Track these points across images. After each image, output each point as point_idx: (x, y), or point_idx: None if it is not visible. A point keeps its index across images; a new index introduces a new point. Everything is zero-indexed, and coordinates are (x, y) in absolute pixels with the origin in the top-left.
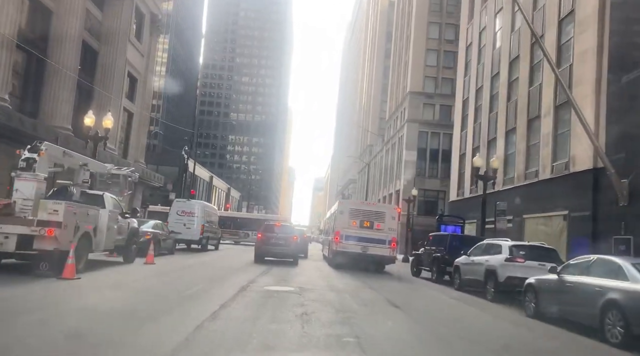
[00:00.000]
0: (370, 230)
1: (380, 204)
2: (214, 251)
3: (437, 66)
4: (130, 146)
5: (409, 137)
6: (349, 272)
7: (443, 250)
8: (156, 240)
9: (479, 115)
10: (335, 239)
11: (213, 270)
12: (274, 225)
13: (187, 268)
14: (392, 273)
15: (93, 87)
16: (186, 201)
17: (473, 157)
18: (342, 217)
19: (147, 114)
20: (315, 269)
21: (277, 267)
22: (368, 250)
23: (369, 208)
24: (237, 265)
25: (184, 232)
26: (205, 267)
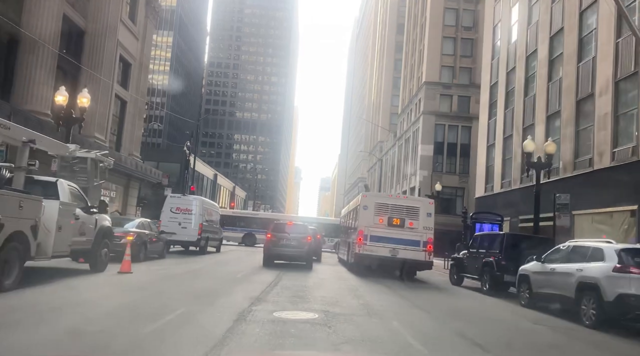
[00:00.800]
0: (400, 229)
1: (413, 197)
2: (215, 254)
3: (454, 55)
4: (124, 138)
5: (424, 130)
6: (375, 280)
7: (497, 254)
8: (140, 242)
9: (511, 100)
10: (358, 240)
11: (206, 281)
12: (285, 224)
13: (172, 279)
14: (427, 281)
15: (79, 70)
16: (181, 196)
17: (504, 147)
18: (366, 213)
19: (143, 104)
20: (334, 277)
21: (289, 273)
22: (398, 254)
23: (399, 202)
24: (240, 273)
25: (179, 232)
26: (197, 277)
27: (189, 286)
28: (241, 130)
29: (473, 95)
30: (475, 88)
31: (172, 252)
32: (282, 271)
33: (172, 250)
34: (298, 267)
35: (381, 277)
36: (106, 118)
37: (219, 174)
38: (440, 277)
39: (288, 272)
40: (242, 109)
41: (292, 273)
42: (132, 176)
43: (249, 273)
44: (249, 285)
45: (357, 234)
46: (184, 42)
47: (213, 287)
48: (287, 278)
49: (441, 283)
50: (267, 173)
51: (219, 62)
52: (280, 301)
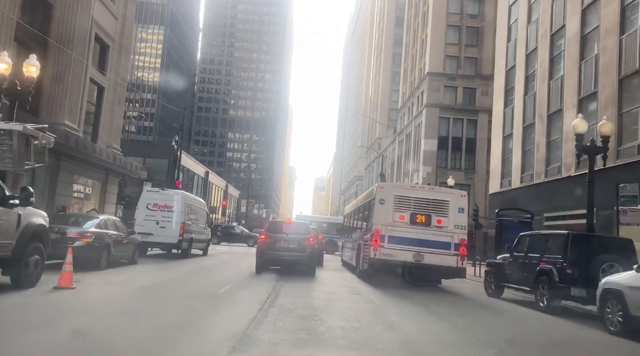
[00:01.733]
0: (426, 228)
1: (441, 189)
2: (201, 257)
3: (459, 44)
4: (101, 127)
5: (428, 124)
6: (397, 293)
7: (559, 259)
8: (101, 245)
9: (531, 85)
10: (374, 241)
11: (174, 302)
12: (282, 222)
13: (125, 299)
14: (457, 292)
15: (45, 48)
16: (160, 190)
17: (524, 137)
18: (382, 208)
19: (124, 91)
20: (345, 288)
21: (288, 284)
22: (424, 259)
23: (425, 194)
24: (225, 285)
25: (156, 233)
26: (163, 293)
27: (142, 314)
28: (235, 128)
29: (479, 86)
30: (481, 79)
31: (150, 255)
32: (279, 281)
33: (151, 254)
34: (298, 273)
35: (401, 288)
36: (79, 104)
37: (210, 172)
38: (468, 285)
39: (287, 282)
40: (236, 107)
41: (292, 283)
42: (111, 170)
43: (236, 285)
44: (234, 308)
45: (372, 234)
46: (176, 38)
47: (179, 315)
48: (286, 292)
49: (475, 294)
50: (261, 172)
51: (211, 59)
52: (281, 341)
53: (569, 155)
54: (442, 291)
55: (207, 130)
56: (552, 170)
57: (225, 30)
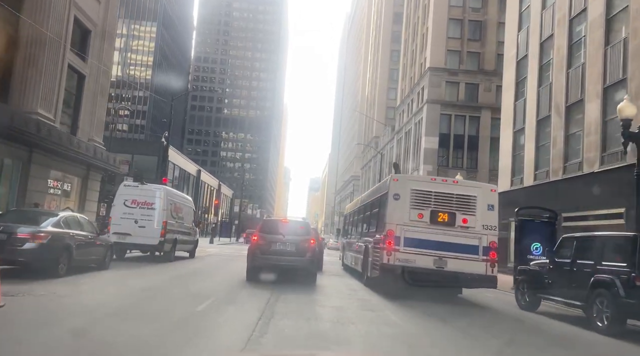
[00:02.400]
0: (450, 229)
1: (467, 182)
2: (186, 260)
3: (461, 38)
4: (82, 119)
5: (428, 121)
6: (418, 308)
7: (624, 269)
8: (59, 247)
9: (546, 75)
10: (387, 244)
11: (133, 328)
12: (278, 221)
13: (60, 324)
14: (484, 304)
15: (15, 27)
16: (139, 185)
17: (538, 131)
18: (397, 205)
19: (107, 81)
20: (355, 302)
21: (285, 296)
22: (447, 265)
23: (448, 189)
24: (207, 299)
25: (135, 233)
26: (121, 313)
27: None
28: (229, 127)
29: (482, 82)
30: (484, 74)
31: (128, 258)
32: (273, 292)
33: (130, 256)
34: (296, 280)
35: (418, 298)
36: (54, 91)
37: (202, 170)
38: (490, 293)
39: (283, 293)
40: (230, 106)
41: (290, 294)
42: (93, 165)
43: (221, 298)
44: (212, 338)
45: (384, 235)
46: (169, 35)
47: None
48: (284, 309)
49: (503, 306)
50: (256, 173)
51: (205, 57)
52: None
53: (591, 150)
54: (466, 303)
55: (200, 129)
56: (571, 167)
57: (219, 29)
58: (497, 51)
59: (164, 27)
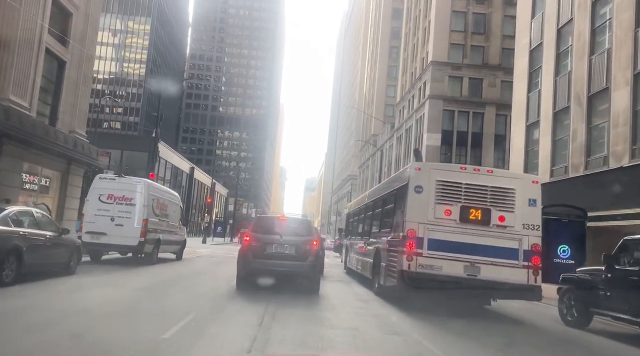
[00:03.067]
0: (484, 229)
1: (503, 172)
2: (171, 263)
3: (465, 31)
4: (62, 109)
5: (430, 117)
6: (446, 326)
7: None
8: (7, 249)
9: (564, 64)
10: (407, 247)
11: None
12: (274, 219)
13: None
14: (521, 319)
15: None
16: (117, 178)
17: (555, 124)
18: (420, 199)
19: (91, 68)
20: (370, 318)
21: (283, 312)
22: (480, 273)
23: (481, 180)
24: (182, 316)
25: (111, 232)
26: (59, 340)
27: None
28: (224, 126)
29: (486, 77)
30: (489, 69)
31: (105, 261)
32: (268, 306)
33: (107, 259)
34: (295, 289)
35: (445, 314)
36: (30, 77)
37: (196, 168)
38: (520, 304)
39: (281, 308)
40: (226, 104)
41: (289, 309)
42: (74, 159)
43: (201, 316)
44: None
45: (404, 237)
46: (164, 31)
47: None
48: (282, 332)
49: (545, 321)
50: (251, 172)
51: (201, 54)
52: None
53: (619, 143)
54: (499, 317)
55: (195, 127)
56: (595, 162)
57: (215, 26)
58: (502, 45)
59: (159, 23)
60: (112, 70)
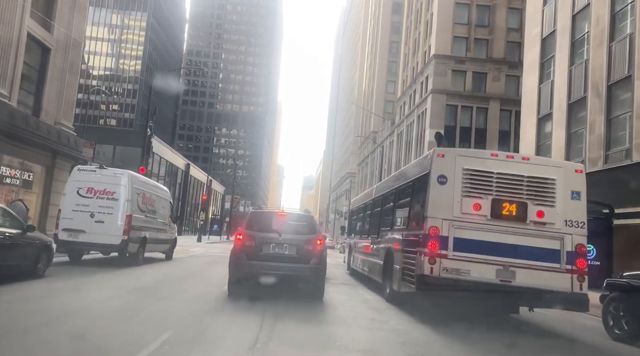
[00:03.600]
0: (519, 226)
1: (541, 159)
2: (160, 263)
3: (469, 24)
4: (46, 99)
5: (433, 112)
6: (472, 338)
7: None
8: None
9: (580, 52)
10: (429, 247)
11: None
12: (272, 214)
13: None
14: (559, 332)
15: None
16: (97, 170)
17: (570, 116)
18: (443, 191)
19: (78, 57)
20: (387, 333)
21: (282, 328)
22: (515, 278)
23: (515, 168)
24: (156, 335)
25: (90, 230)
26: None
27: None
28: (221, 123)
29: (490, 71)
30: (493, 63)
31: (86, 261)
32: (264, 318)
33: (89, 258)
34: (296, 297)
35: (470, 327)
36: (9, 63)
37: (192, 165)
38: (554, 314)
39: (279, 320)
40: (223, 101)
41: (289, 322)
42: (59, 152)
43: (181, 335)
44: None
45: (425, 235)
46: (160, 26)
47: None
48: (281, 336)
49: (587, 334)
50: (249, 170)
51: (198, 50)
52: None
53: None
54: (535, 330)
55: (192, 124)
56: (615, 155)
57: (212, 22)
58: (507, 38)
59: (155, 18)
60: (107, 66)
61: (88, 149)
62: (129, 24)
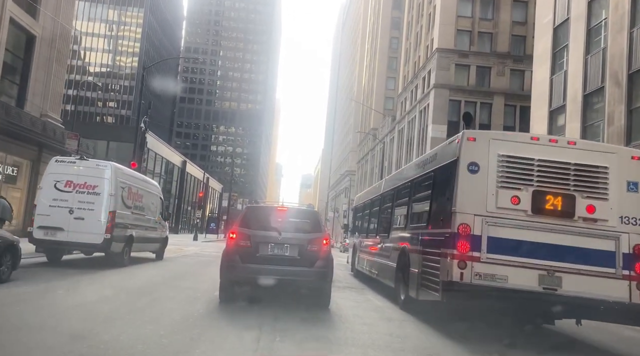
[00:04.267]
0: (566, 223)
1: (590, 143)
2: (148, 264)
3: (472, 17)
4: (32, 89)
5: (436, 107)
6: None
7: None
8: None
9: (597, 40)
10: (459, 248)
11: None
12: (270, 209)
13: None
14: (608, 348)
15: None
16: (77, 161)
17: (585, 107)
18: (475, 181)
19: (67, 45)
20: (410, 353)
21: (283, 345)
22: (561, 285)
23: (560, 155)
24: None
25: (69, 227)
26: None
27: None
28: (219, 120)
29: (494, 65)
30: (497, 57)
31: (66, 261)
32: (261, 333)
33: (70, 258)
34: (298, 306)
35: (516, 346)
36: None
37: (188, 162)
38: (598, 325)
39: (280, 336)
40: (221, 99)
41: (292, 339)
42: (46, 146)
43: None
44: None
45: (454, 234)
46: (157, 23)
47: None
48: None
49: (632, 348)
50: (247, 168)
51: (195, 47)
52: None
53: None
54: (582, 346)
55: (190, 122)
56: (638, 148)
57: (210, 18)
58: (512, 32)
59: (152, 14)
60: (104, 62)
61: (72, 141)
62: (126, 20)
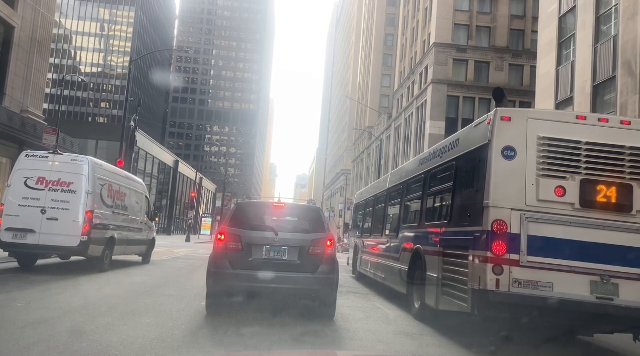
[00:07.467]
0: (621, 219)
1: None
2: (132, 269)
3: (470, 11)
4: (10, 83)
5: (434, 103)
6: None
7: None
8: None
9: (606, 29)
10: (495, 250)
11: None
12: (265, 206)
13: None
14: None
15: None
16: (49, 156)
17: (595, 99)
18: (511, 168)
19: (49, 38)
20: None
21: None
22: (618, 294)
23: (611, 137)
24: None
25: (41, 229)
26: None
27: None
28: (213, 120)
29: (493, 60)
30: (496, 52)
31: (40, 266)
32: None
33: (46, 263)
34: (297, 321)
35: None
36: None
37: (181, 161)
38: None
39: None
40: (215, 98)
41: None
42: (27, 143)
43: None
44: None
45: (489, 234)
46: (149, 22)
47: None
48: None
49: None
50: (241, 168)
51: (188, 46)
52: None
53: None
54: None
55: (183, 122)
56: None
57: (202, 17)
58: (510, 26)
59: (143, 12)
60: (95, 62)
61: (50, 136)
62: (117, 19)
